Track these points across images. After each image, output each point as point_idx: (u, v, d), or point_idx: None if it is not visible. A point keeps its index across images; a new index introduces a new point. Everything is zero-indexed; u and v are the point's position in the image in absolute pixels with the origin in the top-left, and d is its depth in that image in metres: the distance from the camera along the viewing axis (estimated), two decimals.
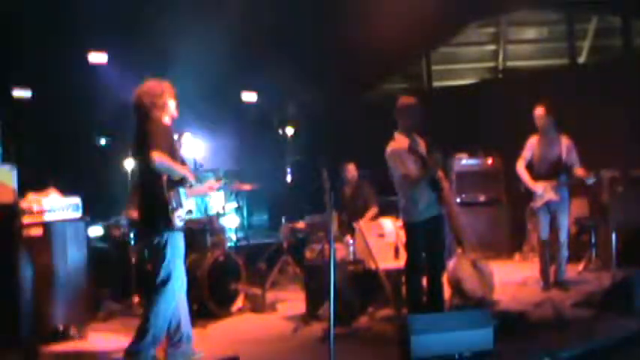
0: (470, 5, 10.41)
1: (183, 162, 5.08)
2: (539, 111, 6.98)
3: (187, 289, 5.05)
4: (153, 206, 4.80)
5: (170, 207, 4.72)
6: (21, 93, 8.51)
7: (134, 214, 7.12)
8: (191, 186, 4.98)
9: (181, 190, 4.86)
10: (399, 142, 5.67)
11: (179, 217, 4.79)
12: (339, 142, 10.20)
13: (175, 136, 5.08)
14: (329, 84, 10.20)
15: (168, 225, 4.75)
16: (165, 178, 4.75)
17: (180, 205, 4.81)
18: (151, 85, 5.00)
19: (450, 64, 12.24)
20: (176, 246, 4.85)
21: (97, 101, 8.80)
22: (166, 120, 4.99)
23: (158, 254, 4.81)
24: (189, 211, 4.99)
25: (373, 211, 7.91)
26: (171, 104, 5.03)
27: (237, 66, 9.45)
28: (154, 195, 4.76)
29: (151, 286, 4.85)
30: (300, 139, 9.16)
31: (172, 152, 4.88)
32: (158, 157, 4.68)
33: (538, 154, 7.08)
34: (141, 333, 4.76)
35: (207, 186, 5.67)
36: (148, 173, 4.80)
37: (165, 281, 4.79)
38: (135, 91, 5.00)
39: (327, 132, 10.30)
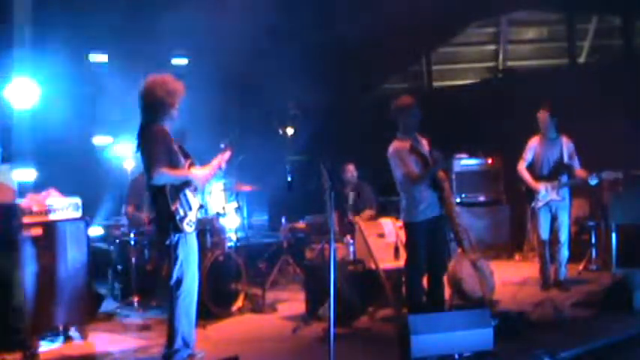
0: (470, 5, 10.40)
1: (186, 155, 5.00)
2: (542, 114, 7.00)
3: None
4: (162, 217, 4.79)
5: (178, 217, 4.71)
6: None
7: (132, 211, 7.15)
8: (196, 189, 4.91)
9: (188, 192, 4.83)
10: (401, 142, 5.68)
11: (189, 223, 4.76)
12: (339, 142, 10.19)
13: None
14: (329, 84, 10.18)
15: (179, 232, 4.75)
16: (167, 189, 4.71)
17: (188, 208, 4.79)
18: (169, 80, 4.85)
19: (450, 64, 12.24)
20: (188, 245, 4.83)
21: (97, 101, 8.79)
22: (166, 122, 4.87)
23: (171, 255, 4.80)
24: (201, 206, 4.95)
25: (369, 212, 7.91)
26: (178, 108, 4.91)
27: (237, 66, 9.43)
28: (161, 207, 4.76)
29: (167, 289, 4.85)
30: (300, 139, 9.15)
31: (172, 156, 4.81)
32: (157, 174, 4.67)
33: (539, 155, 7.09)
34: (170, 339, 4.79)
35: (216, 162, 5.13)
36: (151, 186, 4.79)
37: (179, 282, 4.78)
38: (149, 80, 4.84)
39: (327, 132, 10.28)
